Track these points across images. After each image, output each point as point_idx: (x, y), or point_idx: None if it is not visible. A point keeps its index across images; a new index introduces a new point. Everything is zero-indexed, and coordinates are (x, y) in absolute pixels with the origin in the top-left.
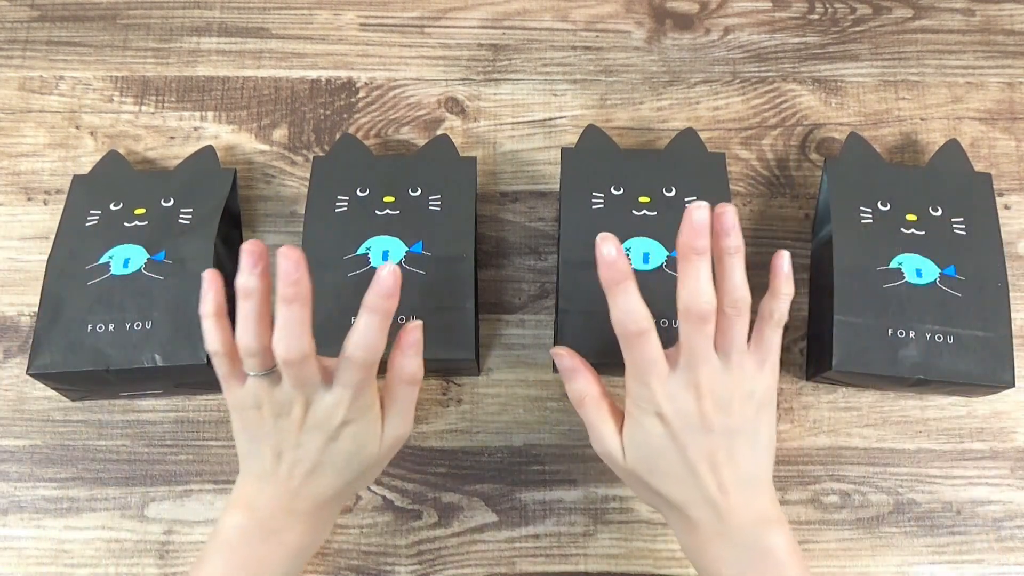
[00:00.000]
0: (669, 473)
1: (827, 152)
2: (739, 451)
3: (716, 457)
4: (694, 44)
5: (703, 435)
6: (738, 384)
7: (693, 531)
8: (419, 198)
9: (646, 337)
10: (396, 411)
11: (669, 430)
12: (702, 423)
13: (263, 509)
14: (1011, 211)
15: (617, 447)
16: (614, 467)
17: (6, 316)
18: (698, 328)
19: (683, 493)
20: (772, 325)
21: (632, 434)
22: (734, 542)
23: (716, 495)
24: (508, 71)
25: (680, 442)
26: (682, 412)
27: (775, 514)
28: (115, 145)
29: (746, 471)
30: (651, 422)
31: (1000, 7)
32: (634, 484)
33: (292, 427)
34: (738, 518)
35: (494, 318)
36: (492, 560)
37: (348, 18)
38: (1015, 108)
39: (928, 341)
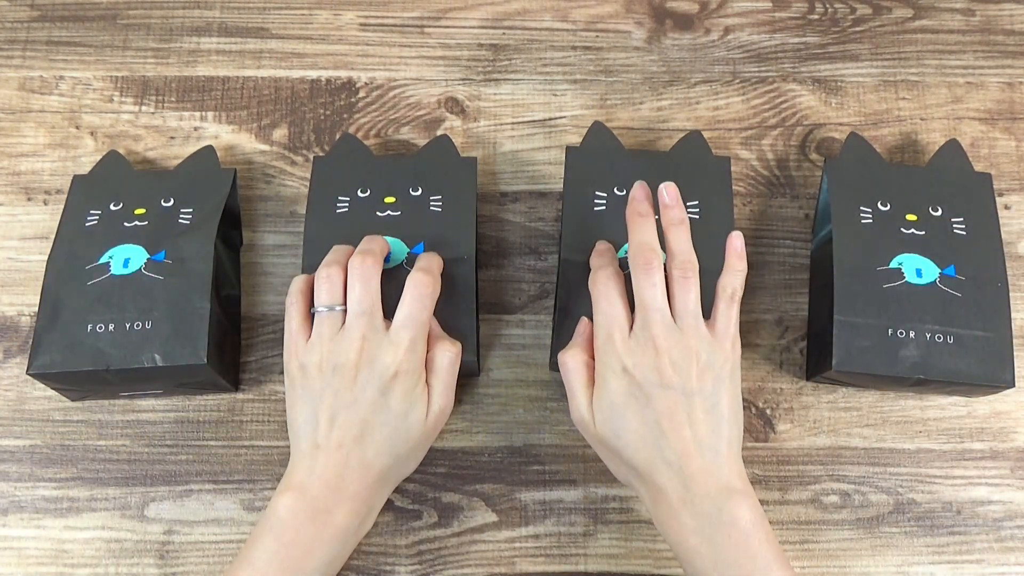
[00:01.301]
0: (632, 433)
1: (827, 152)
2: (697, 414)
3: (676, 415)
4: (694, 44)
5: (663, 390)
6: (692, 347)
7: (660, 500)
8: (420, 198)
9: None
10: (440, 383)
11: (632, 385)
12: (661, 379)
13: (312, 488)
14: (1011, 211)
15: (589, 413)
16: (587, 435)
17: (6, 316)
18: (647, 277)
19: (647, 456)
20: (726, 299)
21: (600, 395)
22: (699, 510)
23: (679, 460)
24: (508, 71)
25: (642, 396)
26: (642, 366)
27: (741, 486)
28: (115, 145)
29: (705, 436)
30: (616, 380)
31: (1000, 7)
32: (605, 454)
33: (347, 376)
34: (702, 486)
35: (494, 318)
36: (492, 560)
37: (348, 18)
38: (1015, 108)
39: (928, 341)
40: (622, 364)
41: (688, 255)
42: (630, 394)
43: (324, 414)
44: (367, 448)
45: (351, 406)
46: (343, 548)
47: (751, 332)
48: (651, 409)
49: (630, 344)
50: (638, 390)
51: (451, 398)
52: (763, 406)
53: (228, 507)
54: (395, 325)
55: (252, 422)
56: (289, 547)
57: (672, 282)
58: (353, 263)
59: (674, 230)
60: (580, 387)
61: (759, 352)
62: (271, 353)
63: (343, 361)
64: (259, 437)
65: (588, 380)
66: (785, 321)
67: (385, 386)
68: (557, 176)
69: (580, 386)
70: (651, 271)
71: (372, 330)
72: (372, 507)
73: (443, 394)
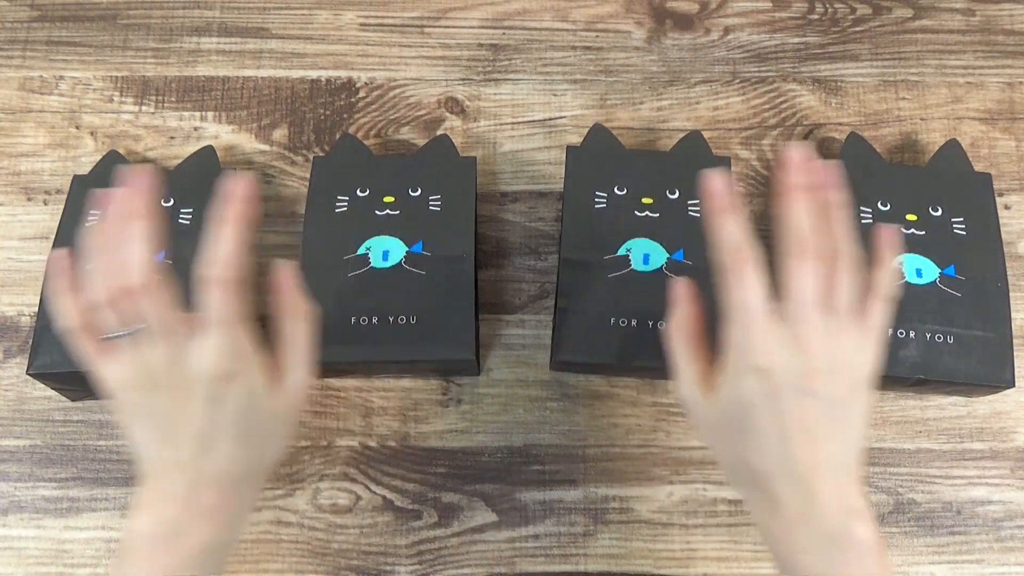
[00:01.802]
0: (759, 438)
1: (827, 152)
2: (836, 426)
3: (812, 426)
4: (694, 44)
5: (803, 398)
6: (843, 348)
7: (775, 512)
8: (419, 198)
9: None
10: (295, 353)
11: (768, 386)
12: (805, 387)
13: (163, 511)
14: (1011, 211)
15: (697, 396)
16: (692, 416)
17: (6, 316)
18: (802, 266)
19: (770, 463)
20: (878, 299)
21: (724, 386)
22: (817, 529)
23: (805, 472)
24: (508, 71)
25: (778, 402)
26: (784, 369)
27: (861, 505)
28: (115, 145)
29: (838, 453)
30: (750, 378)
31: (1000, 7)
32: (717, 444)
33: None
34: (825, 504)
35: (494, 318)
36: (492, 560)
37: (348, 18)
38: (1015, 108)
39: (928, 341)
40: (759, 363)
41: (848, 244)
42: (764, 395)
43: (158, 436)
44: (215, 459)
45: (184, 422)
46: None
47: None
48: (786, 416)
49: (772, 340)
50: (774, 394)
51: (307, 369)
52: None
53: None
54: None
55: None
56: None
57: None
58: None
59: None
60: (686, 363)
61: None
62: None
63: (155, 380)
64: None
65: (696, 357)
66: None
67: (213, 391)
68: (557, 176)
69: (686, 362)
70: (807, 259)
71: (178, 337)
72: (241, 511)
73: (297, 367)
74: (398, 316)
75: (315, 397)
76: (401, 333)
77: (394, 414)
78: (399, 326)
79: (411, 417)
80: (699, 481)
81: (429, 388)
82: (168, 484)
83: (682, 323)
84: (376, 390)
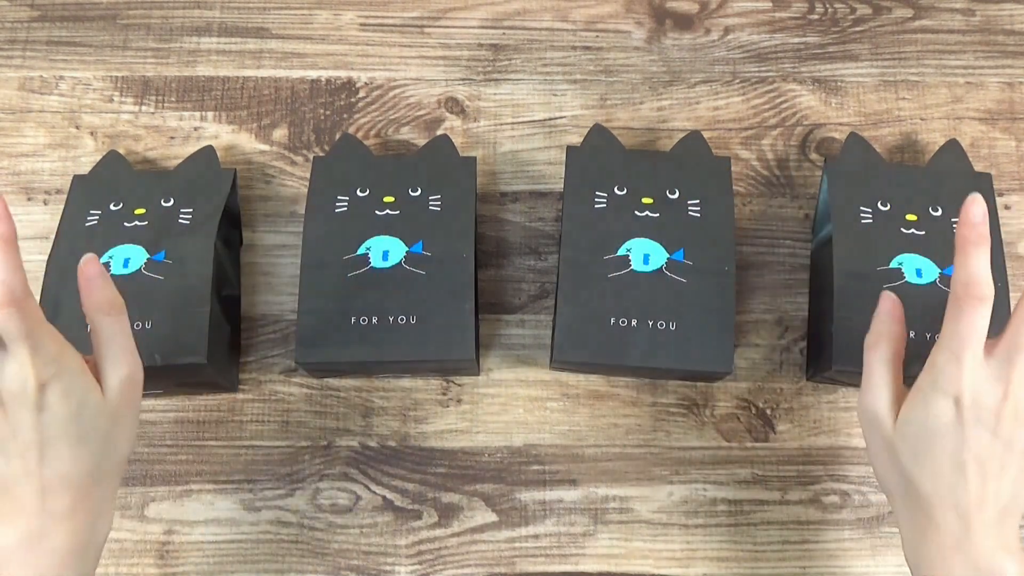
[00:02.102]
0: (934, 462)
1: (827, 152)
2: (1010, 471)
3: (989, 465)
4: (694, 44)
5: (989, 436)
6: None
7: (929, 535)
8: (419, 198)
9: (982, 307)
10: (110, 351)
11: (959, 419)
12: (995, 424)
13: (21, 520)
14: (1011, 211)
15: (886, 412)
16: (871, 431)
17: None
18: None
19: (939, 489)
20: None
21: (914, 408)
22: (972, 559)
23: (972, 505)
24: (508, 71)
25: (963, 435)
26: (980, 404)
27: (1017, 547)
28: (115, 145)
29: (1008, 495)
30: (942, 404)
31: (1000, 7)
32: (883, 460)
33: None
34: (983, 538)
35: (494, 318)
36: (492, 560)
37: (348, 18)
38: (1015, 108)
39: (928, 341)
40: (957, 392)
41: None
42: (951, 424)
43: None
44: (55, 466)
45: (13, 437)
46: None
47: (751, 332)
48: (966, 449)
49: (979, 375)
50: (961, 426)
51: (133, 360)
52: (763, 406)
53: (228, 507)
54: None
55: (252, 422)
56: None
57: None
58: None
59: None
60: (882, 377)
61: (759, 352)
62: (271, 353)
63: None
64: (259, 437)
65: (894, 375)
66: (785, 321)
67: (33, 402)
68: (557, 176)
69: (882, 376)
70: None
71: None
72: (98, 512)
73: (120, 361)
74: (398, 316)
75: (315, 397)
76: (401, 333)
77: (394, 414)
78: (399, 326)
79: (411, 417)
80: (699, 481)
81: (429, 388)
82: (19, 495)
83: (889, 340)
84: (376, 390)
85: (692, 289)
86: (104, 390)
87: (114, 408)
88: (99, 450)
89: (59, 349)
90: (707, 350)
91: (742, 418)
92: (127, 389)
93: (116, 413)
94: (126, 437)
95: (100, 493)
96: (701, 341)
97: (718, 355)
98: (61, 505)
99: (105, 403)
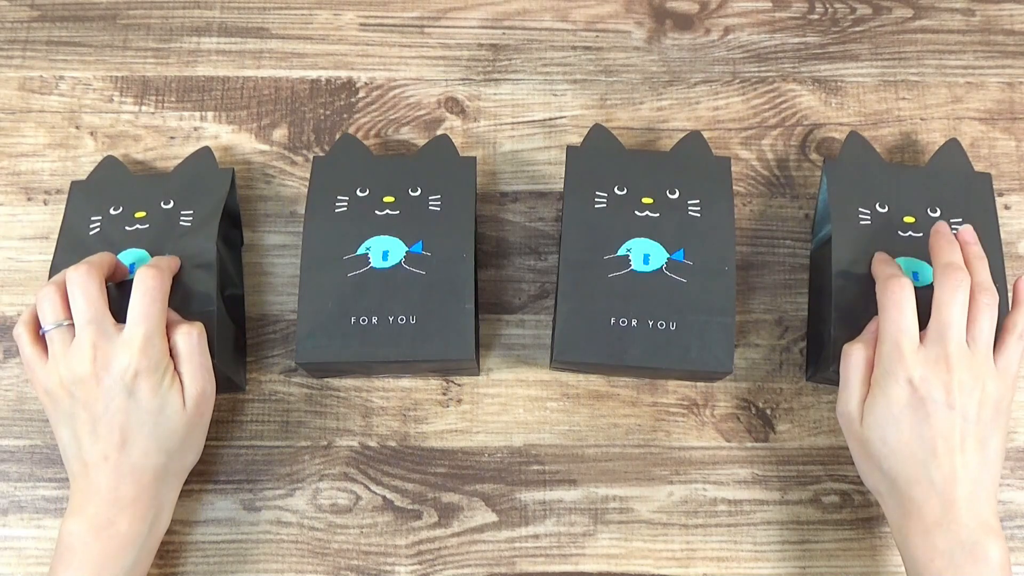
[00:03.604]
0: (902, 445)
1: (827, 152)
2: (969, 442)
3: (952, 439)
4: (694, 44)
5: (946, 411)
6: (981, 374)
7: (911, 516)
8: (419, 198)
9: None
10: (189, 367)
11: (914, 397)
12: (947, 398)
13: (90, 505)
14: (1011, 211)
15: (858, 412)
16: (847, 431)
17: (6, 316)
18: (953, 295)
19: (912, 471)
20: (1016, 336)
21: (875, 400)
22: (952, 537)
23: (944, 483)
24: (508, 71)
25: (923, 412)
26: (930, 382)
27: (997, 526)
28: (115, 145)
29: (973, 467)
30: (897, 390)
31: (1000, 7)
32: (861, 457)
33: (90, 387)
34: (961, 515)
35: (494, 318)
36: (492, 560)
37: (348, 18)
38: (1015, 108)
39: None
40: (908, 375)
41: (991, 285)
42: (909, 406)
43: (83, 430)
44: (132, 452)
45: (104, 416)
46: (138, 554)
47: (751, 332)
48: (928, 426)
49: (919, 356)
50: (919, 404)
51: (207, 379)
52: (763, 406)
53: (228, 507)
54: (127, 325)
55: (252, 422)
56: (80, 570)
57: (973, 305)
58: (70, 276)
59: (978, 263)
60: (857, 383)
61: (759, 352)
62: (272, 353)
63: (81, 373)
64: (259, 437)
65: (866, 378)
66: (785, 321)
67: (130, 387)
68: (557, 176)
69: (857, 382)
70: (958, 290)
71: (102, 336)
72: (160, 507)
73: (196, 377)
74: (398, 316)
75: (315, 397)
76: (401, 333)
77: (394, 414)
78: (399, 326)
79: (411, 417)
80: (699, 481)
81: (429, 388)
82: (93, 482)
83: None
84: (376, 390)
85: (692, 289)
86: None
87: (189, 417)
88: (170, 450)
89: (163, 350)
90: (707, 350)
91: (742, 418)
92: (201, 403)
93: (190, 422)
94: (194, 446)
95: (163, 492)
96: (701, 341)
97: (718, 355)
98: (127, 495)
99: (183, 411)
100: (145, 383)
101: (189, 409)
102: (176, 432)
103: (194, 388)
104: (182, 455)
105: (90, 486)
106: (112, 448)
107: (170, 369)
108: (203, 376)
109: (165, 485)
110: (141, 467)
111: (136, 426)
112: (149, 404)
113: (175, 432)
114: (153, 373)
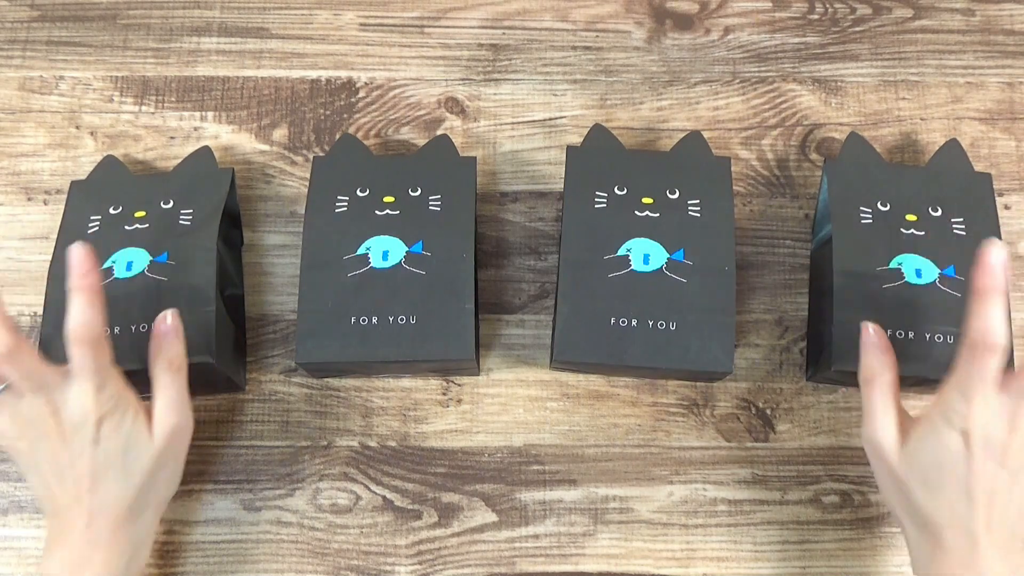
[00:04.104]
0: (944, 491)
1: (827, 152)
2: (1016, 498)
3: (997, 494)
4: (694, 44)
5: (996, 468)
6: None
7: (937, 556)
8: (419, 198)
9: (995, 355)
10: (163, 400)
11: (967, 451)
12: (1002, 456)
13: (67, 546)
14: (1011, 211)
15: (892, 443)
16: (876, 459)
17: None
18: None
19: (947, 516)
20: None
21: (923, 439)
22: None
23: (980, 529)
24: (508, 71)
25: (972, 466)
26: (989, 438)
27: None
28: (115, 145)
29: (1011, 522)
30: (951, 436)
31: (1000, 7)
32: (890, 486)
33: (52, 439)
34: (991, 560)
35: (494, 318)
36: (492, 560)
37: (348, 18)
38: (1015, 108)
39: (928, 341)
40: (967, 427)
41: None
42: (959, 456)
43: (52, 479)
44: (102, 494)
45: (71, 464)
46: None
47: (751, 332)
48: (974, 480)
49: (988, 411)
50: (970, 457)
51: (183, 414)
52: (763, 406)
53: (228, 507)
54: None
55: (252, 422)
56: None
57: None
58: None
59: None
60: (883, 409)
61: (759, 352)
62: (271, 353)
63: (41, 428)
64: (259, 437)
65: (894, 404)
66: (785, 321)
67: (91, 434)
68: (557, 176)
69: (883, 408)
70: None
71: (51, 388)
72: (138, 543)
73: (170, 412)
74: (398, 316)
75: (315, 397)
76: (401, 333)
77: (394, 414)
78: (399, 326)
79: (411, 417)
80: (699, 481)
81: (429, 388)
82: (68, 520)
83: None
84: (376, 390)
85: (692, 289)
86: (153, 435)
87: (158, 451)
88: (141, 486)
89: (119, 390)
90: (707, 350)
91: (742, 418)
92: (173, 437)
93: (161, 456)
94: (167, 480)
95: (138, 528)
96: (701, 341)
97: (718, 355)
98: (103, 534)
99: (152, 445)
100: (106, 427)
101: (158, 443)
102: (145, 467)
103: (166, 423)
104: (155, 489)
105: (64, 526)
106: (83, 491)
107: (131, 405)
108: (178, 411)
109: (141, 519)
110: (113, 506)
111: (103, 468)
112: (114, 445)
113: (144, 468)
114: (112, 416)
